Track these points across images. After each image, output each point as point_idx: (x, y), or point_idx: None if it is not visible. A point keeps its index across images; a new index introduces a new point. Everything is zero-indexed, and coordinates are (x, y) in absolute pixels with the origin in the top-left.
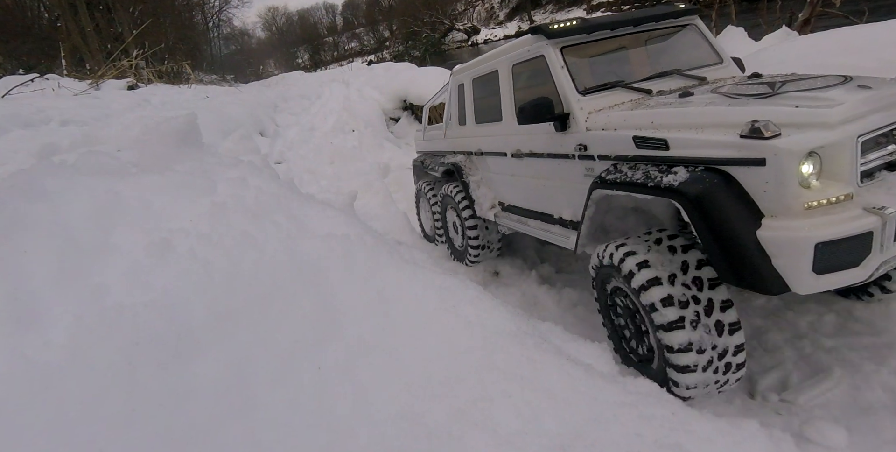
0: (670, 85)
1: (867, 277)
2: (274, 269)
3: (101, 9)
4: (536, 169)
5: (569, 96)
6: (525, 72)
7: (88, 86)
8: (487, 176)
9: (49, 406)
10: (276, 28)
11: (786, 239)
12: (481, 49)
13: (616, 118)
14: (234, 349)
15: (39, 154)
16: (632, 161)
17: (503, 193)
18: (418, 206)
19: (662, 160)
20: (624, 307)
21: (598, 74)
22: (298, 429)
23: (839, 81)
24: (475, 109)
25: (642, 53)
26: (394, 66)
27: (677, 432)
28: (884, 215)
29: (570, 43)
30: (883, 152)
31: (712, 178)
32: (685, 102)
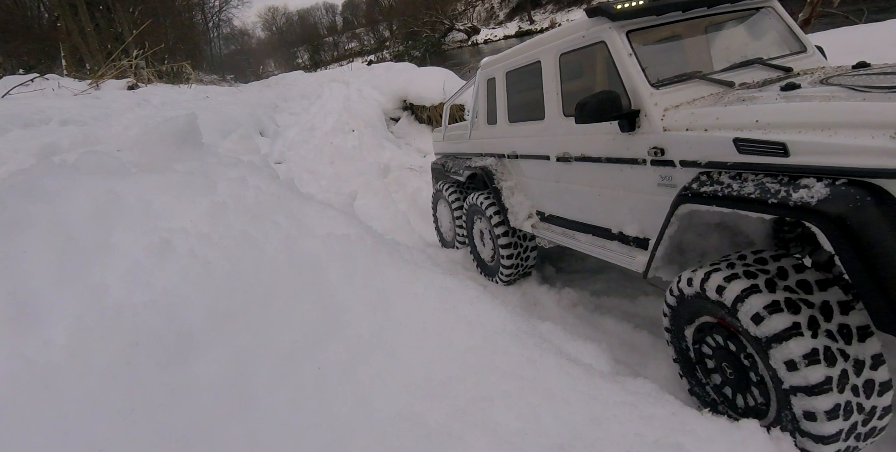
0: (753, 76)
1: None
2: (274, 269)
3: (101, 9)
4: (591, 175)
5: (639, 90)
6: (577, 62)
7: (88, 86)
8: (523, 182)
9: (49, 406)
10: (276, 28)
11: None
12: (481, 49)
13: (704, 116)
14: (234, 348)
15: (39, 154)
16: (732, 169)
17: (543, 201)
18: (436, 208)
19: (780, 169)
20: (720, 348)
21: (671, 63)
22: (298, 429)
23: None
24: (509, 106)
25: (717, 40)
26: (394, 66)
27: (677, 432)
28: None
29: (637, 26)
30: None
31: (862, 194)
32: (794, 96)
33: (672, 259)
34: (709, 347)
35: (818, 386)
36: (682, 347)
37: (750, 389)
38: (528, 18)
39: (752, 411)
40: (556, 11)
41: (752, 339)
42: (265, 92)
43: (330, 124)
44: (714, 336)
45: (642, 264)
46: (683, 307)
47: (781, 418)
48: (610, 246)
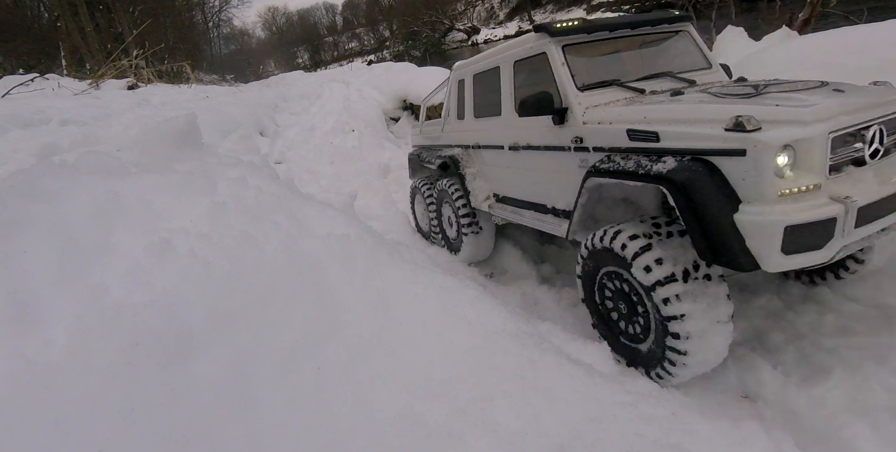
0: (662, 86)
1: (829, 259)
2: (274, 269)
3: (101, 9)
4: (532, 161)
5: (568, 92)
6: (526, 68)
7: (88, 86)
8: (483, 169)
9: (49, 406)
10: (276, 28)
11: (759, 223)
12: (481, 49)
13: (611, 113)
14: (234, 348)
15: (39, 154)
16: (625, 152)
17: (498, 184)
18: (413, 202)
19: (653, 151)
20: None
21: (596, 72)
22: (298, 429)
23: (816, 85)
24: (474, 103)
25: (637, 55)
26: (394, 66)
27: (677, 432)
28: (847, 203)
29: (571, 41)
30: (850, 149)
31: (697, 166)
32: (676, 99)
33: (587, 226)
34: (608, 289)
35: (683, 316)
36: (590, 289)
37: (636, 320)
38: (528, 18)
39: (636, 337)
40: (556, 11)
41: (640, 284)
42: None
43: (330, 124)
44: (613, 281)
45: (565, 230)
46: (593, 259)
47: (656, 340)
48: (546, 219)
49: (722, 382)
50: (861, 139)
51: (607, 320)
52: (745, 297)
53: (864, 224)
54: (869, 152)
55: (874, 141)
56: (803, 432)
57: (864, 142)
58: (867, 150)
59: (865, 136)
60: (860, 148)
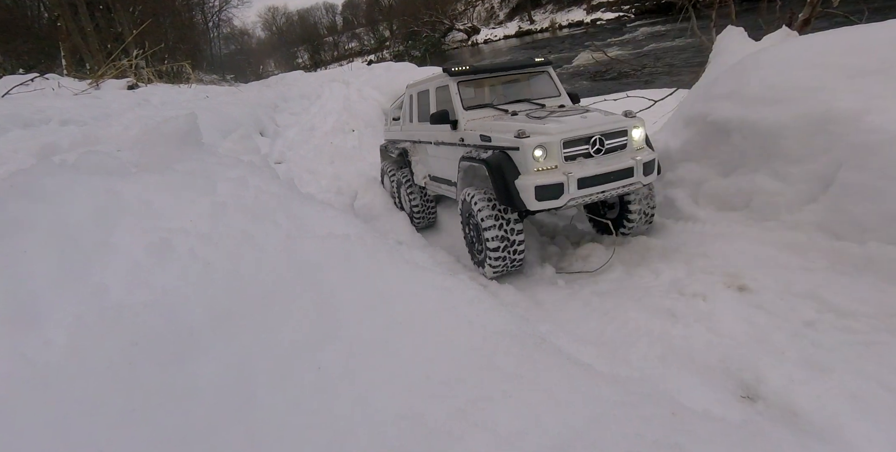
0: (520, 108)
1: (562, 205)
2: (274, 269)
3: (101, 9)
4: (444, 152)
5: (458, 110)
6: (441, 93)
7: (88, 86)
8: (423, 157)
9: (49, 406)
10: (276, 28)
11: (525, 184)
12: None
13: (477, 125)
14: (234, 349)
15: (39, 154)
16: (477, 148)
17: (430, 168)
18: (382, 182)
19: (488, 147)
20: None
21: (478, 98)
22: (298, 429)
23: (578, 112)
24: (418, 112)
25: (510, 87)
26: (394, 66)
27: (677, 432)
28: (568, 176)
29: (462, 79)
30: (580, 148)
31: (501, 155)
32: (510, 118)
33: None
34: (471, 230)
35: (494, 240)
36: (466, 231)
37: (479, 247)
38: (528, 18)
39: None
40: (556, 11)
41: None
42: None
43: (330, 124)
44: (471, 224)
45: (453, 193)
46: (463, 209)
47: (484, 256)
48: (450, 189)
49: (722, 382)
50: (588, 142)
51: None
52: (743, 295)
53: (584, 188)
54: (593, 150)
55: (596, 144)
56: (803, 432)
57: (589, 144)
58: (591, 149)
59: (590, 141)
60: (587, 148)
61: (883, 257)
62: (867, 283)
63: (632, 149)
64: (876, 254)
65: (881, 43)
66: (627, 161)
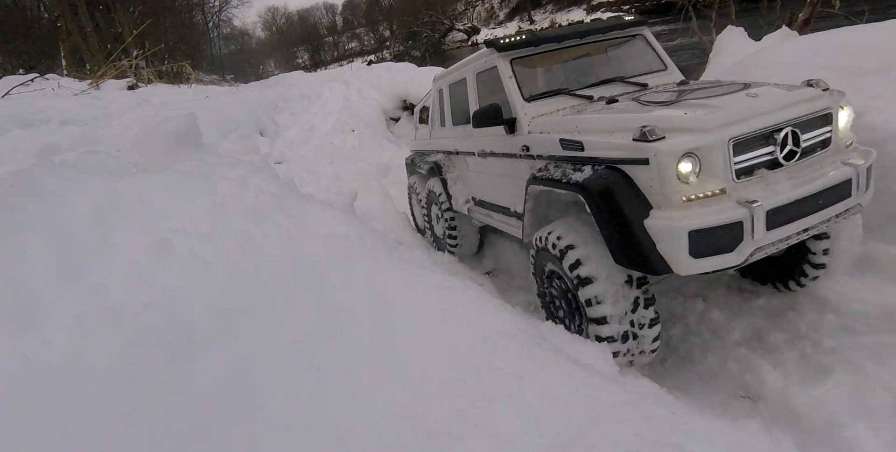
0: (612, 91)
1: (742, 262)
2: (274, 269)
3: (101, 9)
4: (496, 167)
5: (515, 103)
6: (486, 80)
7: (88, 86)
8: (462, 174)
9: (49, 406)
10: (276, 28)
11: (665, 228)
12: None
13: (551, 123)
14: (234, 348)
15: (39, 154)
16: (558, 161)
17: (474, 189)
18: (410, 201)
19: (579, 160)
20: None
21: (546, 82)
22: (298, 429)
23: (737, 88)
24: (451, 112)
25: (589, 62)
26: (394, 66)
27: (677, 432)
28: (752, 207)
29: (518, 55)
30: (760, 153)
31: (610, 175)
32: (608, 108)
33: (540, 227)
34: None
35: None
36: (544, 286)
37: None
38: (528, 18)
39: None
40: (556, 11)
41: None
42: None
43: (330, 124)
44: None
45: (515, 229)
46: (539, 259)
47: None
48: (510, 222)
49: (722, 382)
50: (772, 142)
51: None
52: (745, 297)
53: (777, 227)
54: (782, 155)
55: (787, 143)
56: (803, 432)
57: (775, 145)
58: (780, 152)
59: (776, 138)
60: (772, 150)
61: (883, 257)
62: (867, 283)
63: (839, 147)
64: (876, 254)
65: (881, 43)
66: (840, 169)
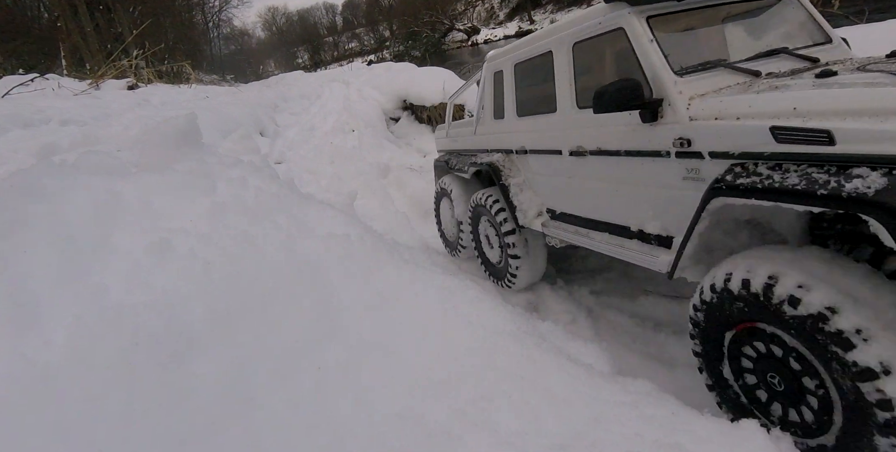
0: (779, 66)
1: None
2: (274, 269)
3: (101, 9)
4: (607, 170)
5: (662, 77)
6: (592, 51)
7: (88, 86)
8: (532, 178)
9: (49, 406)
10: (276, 28)
11: None
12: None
13: (735, 104)
14: (234, 348)
15: (39, 154)
16: (771, 160)
17: (554, 198)
18: (439, 213)
19: (826, 159)
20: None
21: (691, 51)
22: (298, 429)
23: None
24: (517, 99)
25: (741, 29)
26: (394, 66)
27: (677, 432)
28: None
29: (657, 12)
30: None
31: None
32: (832, 82)
33: (700, 259)
34: (748, 358)
35: None
36: (713, 359)
37: (805, 400)
38: (528, 18)
39: (809, 426)
40: (556, 11)
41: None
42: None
43: (330, 124)
44: (756, 343)
45: (667, 264)
46: (718, 311)
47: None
48: (629, 245)
49: None
50: None
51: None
52: None
53: None
54: None
55: None
56: None
57: None
58: None
59: None
60: None
61: None
62: None
63: None
64: None
65: (881, 43)
66: None
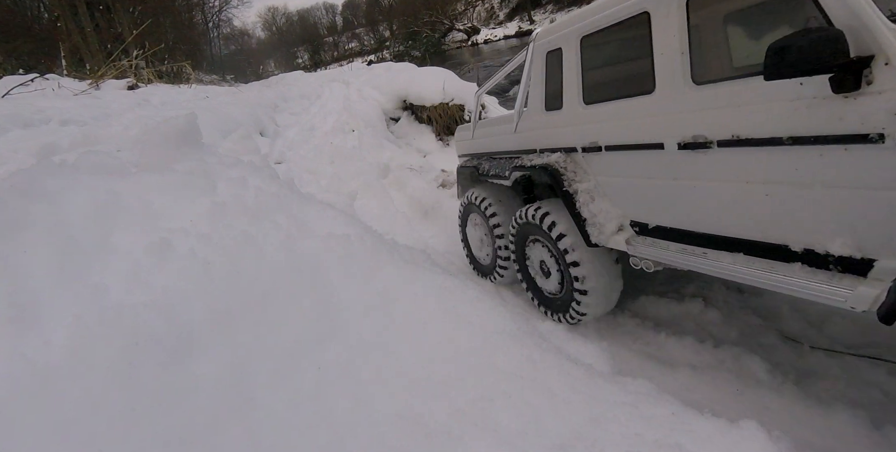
0: None
1: None
2: (274, 269)
3: (101, 9)
4: (750, 166)
5: (873, 25)
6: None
7: (88, 86)
8: (609, 182)
9: (49, 406)
10: (276, 28)
11: None
12: (481, 49)
13: None
14: (234, 348)
15: (39, 154)
16: None
17: (645, 207)
18: (465, 225)
19: None
20: None
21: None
22: (298, 429)
23: None
24: (585, 82)
25: None
26: (394, 66)
27: (677, 432)
28: None
29: None
30: None
31: None
32: None
33: None
34: None
35: None
36: None
37: None
38: (528, 18)
39: None
40: (556, 11)
41: None
42: (265, 92)
43: (330, 124)
44: None
45: (869, 300)
46: None
47: None
48: (786, 271)
49: (721, 381)
50: None
51: None
52: (744, 297)
53: None
54: None
55: None
56: (802, 431)
57: None
58: None
59: None
60: None
61: None
62: None
63: None
64: None
65: None
66: None
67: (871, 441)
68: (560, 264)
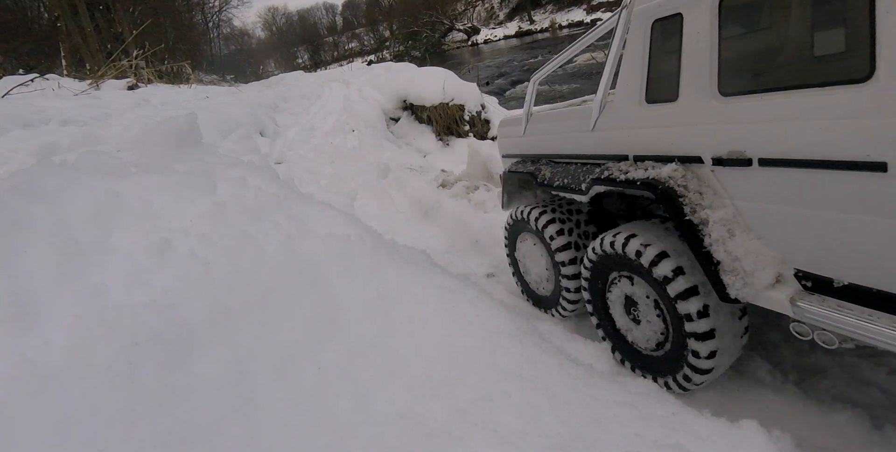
0: None
1: None
2: (274, 269)
3: (101, 9)
4: None
5: None
6: None
7: (88, 86)
8: (762, 211)
9: (49, 406)
10: (276, 28)
11: None
12: (481, 49)
13: None
14: (234, 348)
15: (39, 154)
16: None
17: (834, 252)
18: (514, 246)
19: None
20: None
21: None
22: (298, 429)
23: None
24: (722, 62)
25: None
26: (394, 66)
27: (677, 432)
28: None
29: None
30: None
31: None
32: None
33: None
34: None
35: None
36: None
37: None
38: (528, 18)
39: None
40: (556, 11)
41: None
42: (265, 92)
43: (330, 124)
44: None
45: None
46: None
47: None
48: None
49: (721, 381)
50: None
51: None
52: None
53: None
54: None
55: None
56: (802, 431)
57: None
58: None
59: None
60: None
61: None
62: None
63: None
64: None
65: None
66: None
67: (871, 441)
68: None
